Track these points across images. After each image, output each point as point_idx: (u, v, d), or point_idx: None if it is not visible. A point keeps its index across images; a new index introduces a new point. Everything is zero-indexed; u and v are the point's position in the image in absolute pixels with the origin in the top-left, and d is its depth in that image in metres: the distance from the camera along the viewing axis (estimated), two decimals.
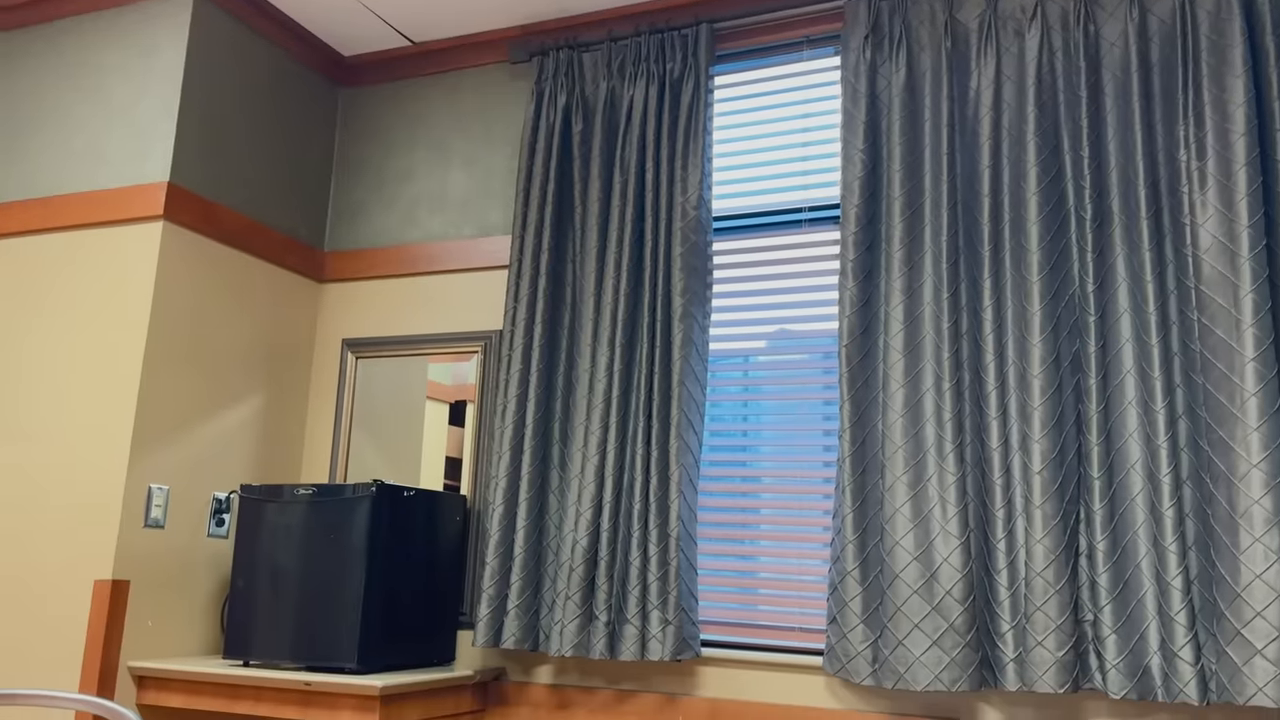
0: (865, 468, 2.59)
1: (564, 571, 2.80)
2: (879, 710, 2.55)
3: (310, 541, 2.75)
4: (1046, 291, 2.49)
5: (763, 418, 2.93)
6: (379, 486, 2.72)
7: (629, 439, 2.83)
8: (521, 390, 2.97)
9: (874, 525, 2.55)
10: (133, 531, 2.80)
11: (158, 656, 2.84)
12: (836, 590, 2.53)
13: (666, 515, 2.73)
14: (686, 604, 2.69)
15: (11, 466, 2.94)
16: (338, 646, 2.64)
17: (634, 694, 2.78)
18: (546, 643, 2.83)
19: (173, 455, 2.93)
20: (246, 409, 3.20)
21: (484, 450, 3.14)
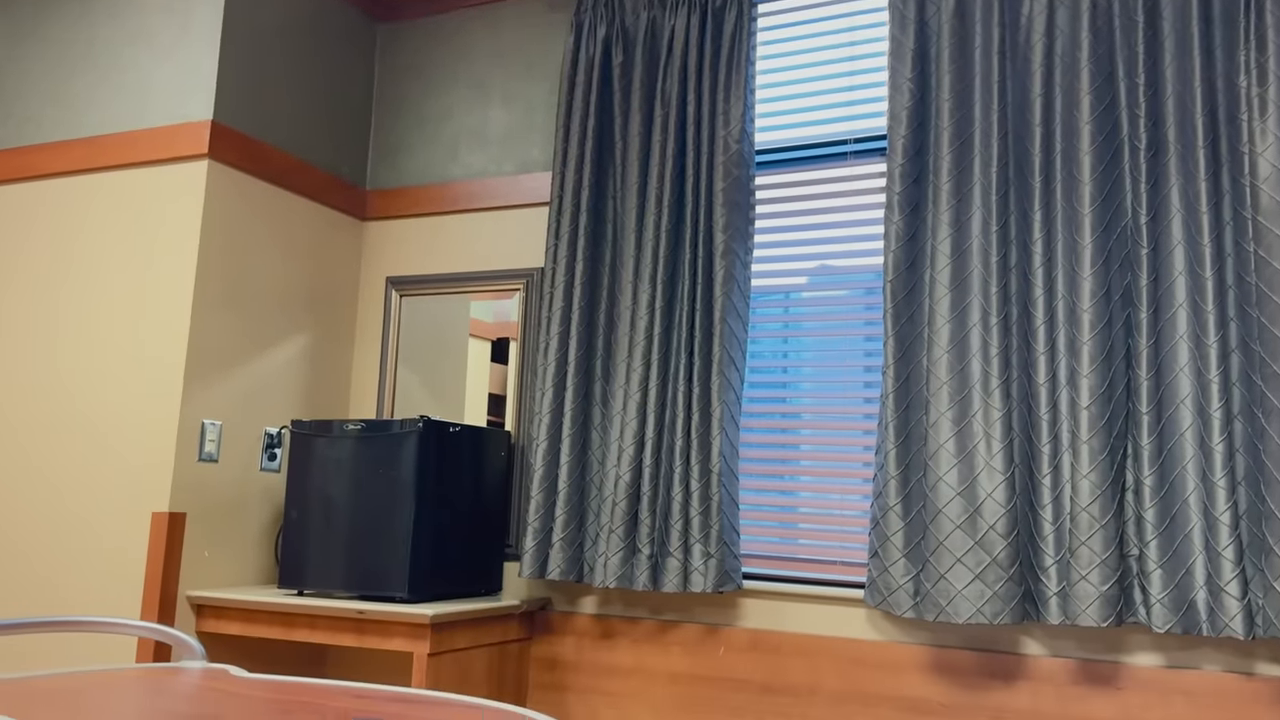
0: (909, 404, 2.58)
1: (607, 506, 2.84)
2: (919, 642, 2.57)
3: (360, 475, 2.81)
4: (1098, 223, 2.44)
5: (803, 354, 2.92)
6: (426, 422, 2.76)
7: (671, 376, 2.84)
8: (563, 327, 2.99)
9: (917, 461, 2.55)
10: (187, 465, 2.87)
11: (214, 586, 2.93)
12: (878, 525, 2.54)
13: (708, 451, 2.75)
14: (728, 538, 2.72)
15: (70, 403, 3.02)
16: (389, 577, 2.71)
17: (677, 624, 2.83)
18: (590, 574, 2.88)
19: (224, 391, 2.99)
20: (294, 346, 3.25)
21: (527, 387, 3.17)
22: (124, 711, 1.39)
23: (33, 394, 3.10)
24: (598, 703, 2.87)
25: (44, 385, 3.08)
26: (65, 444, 3.01)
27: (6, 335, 3.18)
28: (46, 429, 3.05)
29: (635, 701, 2.83)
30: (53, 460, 3.01)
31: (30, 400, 3.10)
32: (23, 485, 3.05)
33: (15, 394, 3.12)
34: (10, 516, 3.05)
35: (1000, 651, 2.49)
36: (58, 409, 3.04)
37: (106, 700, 1.45)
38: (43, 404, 3.07)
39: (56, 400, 3.05)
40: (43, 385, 3.09)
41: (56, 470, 3.00)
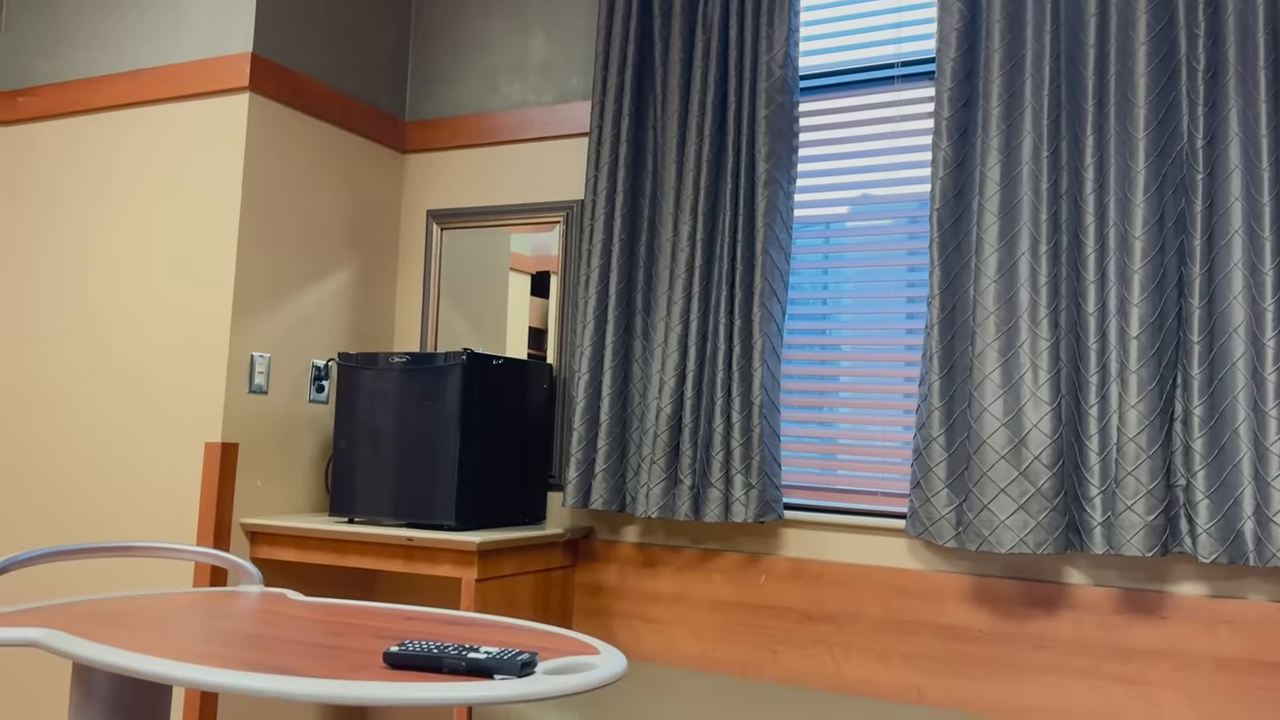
0: (954, 334, 2.55)
1: (649, 437, 2.86)
2: (961, 571, 2.59)
3: (405, 407, 2.85)
4: (1153, 148, 2.38)
5: (843, 285, 2.90)
6: (469, 355, 2.79)
7: (712, 308, 2.83)
8: (604, 260, 2.98)
9: (961, 392, 2.53)
10: (238, 397, 2.93)
11: (267, 514, 3.01)
12: (921, 456, 2.54)
13: (749, 383, 2.75)
14: (769, 469, 2.74)
15: (121, 338, 3.09)
16: (436, 505, 2.76)
17: (718, 553, 2.87)
18: (633, 504, 2.92)
19: (271, 324, 3.04)
20: (338, 280, 3.28)
21: (568, 320, 3.18)
22: (188, 632, 1.44)
23: (86, 329, 3.16)
24: (641, 628, 2.93)
25: (95, 321, 3.15)
26: (121, 379, 3.07)
27: (58, 272, 3.24)
28: (102, 364, 3.11)
29: (678, 627, 2.88)
30: (110, 394, 3.09)
31: (84, 335, 3.16)
32: (84, 418, 3.13)
33: (69, 329, 3.19)
34: (72, 448, 3.14)
35: (1043, 581, 2.50)
36: (110, 343, 3.11)
37: (172, 621, 1.51)
38: (96, 339, 3.14)
39: (108, 335, 3.11)
40: (94, 321, 3.15)
41: (114, 403, 3.08)
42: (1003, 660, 2.49)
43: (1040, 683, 2.44)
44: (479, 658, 1.28)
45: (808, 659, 2.70)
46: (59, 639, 1.35)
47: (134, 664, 1.24)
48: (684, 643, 2.86)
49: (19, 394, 3.26)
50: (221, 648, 1.33)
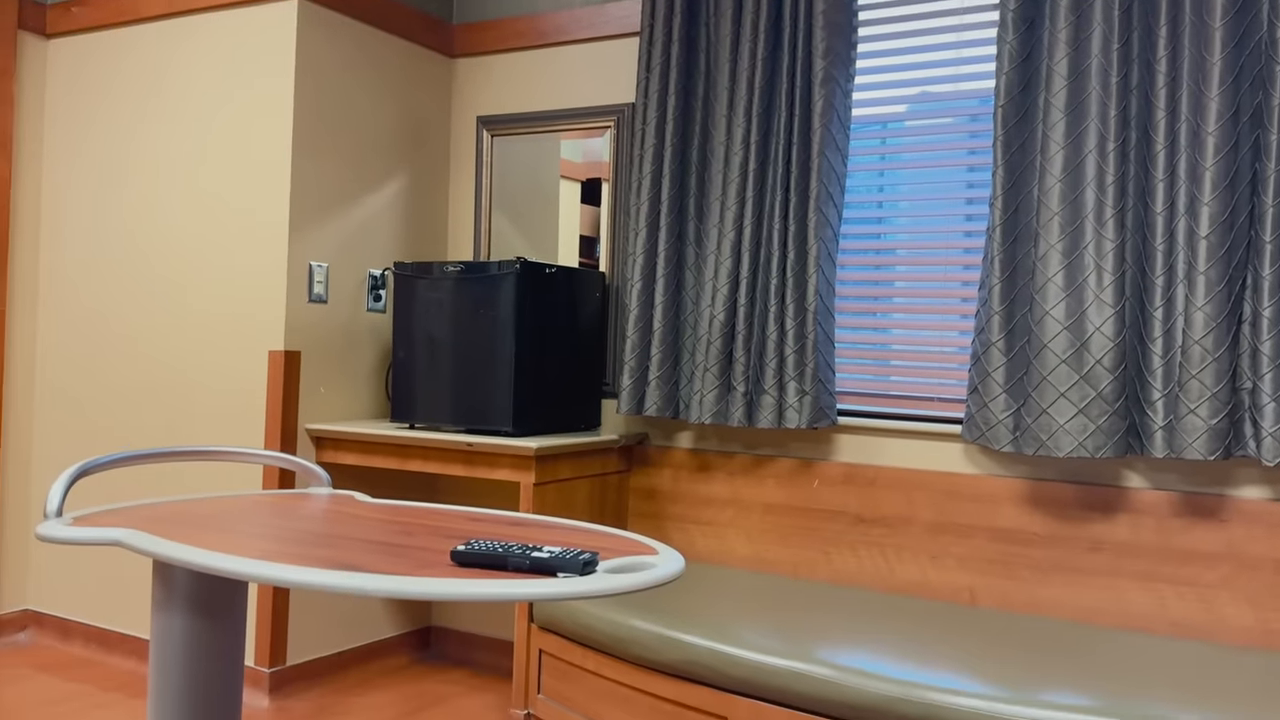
0: (1017, 237, 2.50)
1: (702, 345, 2.87)
2: (1017, 475, 2.58)
3: (461, 315, 2.88)
4: (1229, 38, 2.27)
5: (899, 188, 2.84)
6: (523, 264, 2.79)
7: (766, 213, 2.80)
8: (655, 166, 2.94)
9: (1023, 295, 2.49)
10: (299, 306, 2.98)
11: (330, 420, 3.09)
12: (979, 361, 2.51)
13: (804, 290, 2.73)
14: (824, 376, 2.73)
15: (185, 249, 3.14)
16: (494, 412, 2.81)
17: (771, 459, 2.89)
18: (686, 411, 2.94)
19: (328, 234, 3.06)
20: (391, 189, 3.29)
21: (620, 227, 3.17)
22: (263, 531, 1.50)
23: (150, 240, 3.22)
24: (694, 531, 2.98)
25: (159, 232, 3.20)
26: (186, 290, 3.14)
27: (118, 183, 3.29)
28: (169, 276, 3.18)
29: (731, 530, 2.92)
30: (177, 305, 3.16)
31: (149, 246, 3.22)
32: (154, 328, 3.21)
33: (134, 241, 3.25)
34: (144, 358, 3.23)
35: (1100, 484, 2.48)
36: (175, 256, 3.16)
37: (246, 521, 1.57)
38: (161, 249, 3.20)
39: (173, 247, 3.17)
40: (158, 231, 3.20)
41: (182, 314, 3.15)
42: (1057, 563, 2.50)
43: (1094, 585, 2.45)
44: (542, 557, 1.32)
45: (860, 561, 2.73)
46: (140, 538, 1.41)
47: (213, 562, 1.29)
48: (737, 545, 2.91)
49: (92, 307, 3.35)
50: (295, 546, 1.39)
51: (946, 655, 2.13)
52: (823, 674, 2.06)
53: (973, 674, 2.01)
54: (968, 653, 2.15)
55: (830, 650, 2.14)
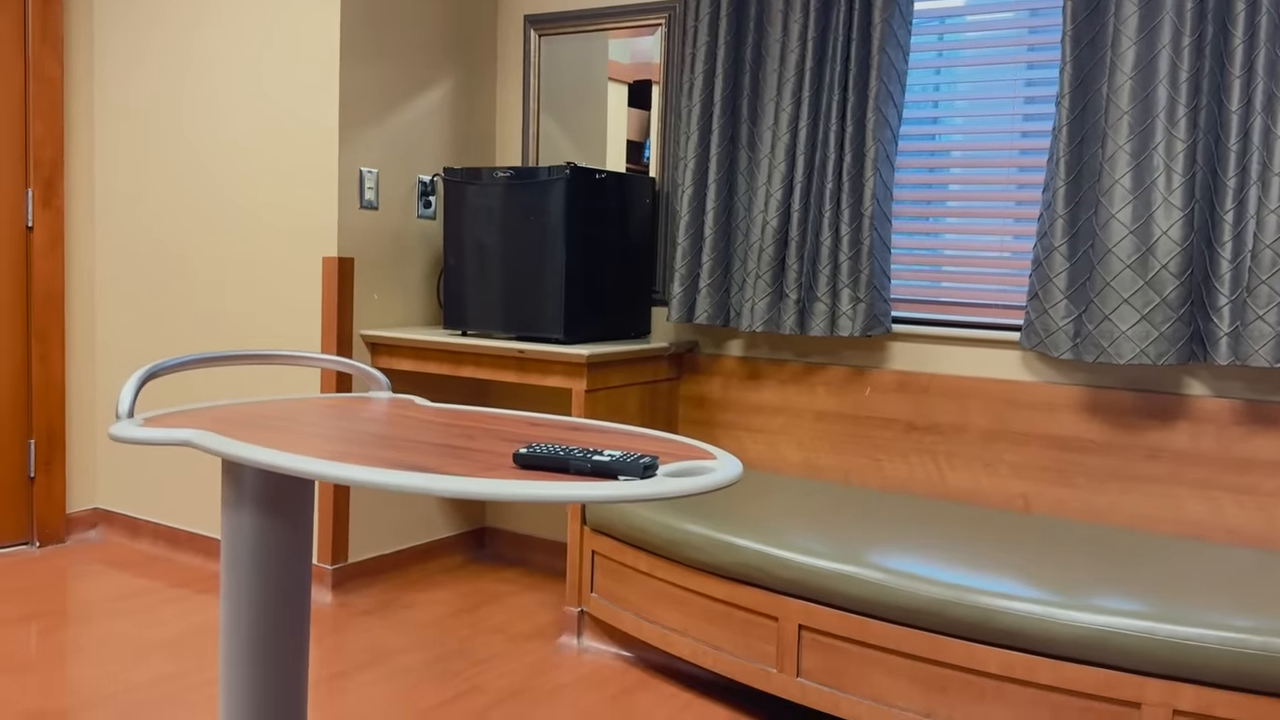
0: (1083, 137, 2.41)
1: (754, 251, 2.83)
2: (1075, 383, 2.55)
3: (511, 222, 2.86)
4: None
5: (957, 86, 2.74)
6: (573, 169, 2.76)
7: (822, 114, 2.72)
8: (708, 65, 2.87)
9: (1088, 198, 2.42)
10: (350, 212, 2.98)
11: (384, 327, 3.12)
12: (1040, 266, 2.46)
13: (860, 194, 2.67)
14: (879, 282, 2.69)
15: (238, 152, 3.14)
16: (545, 319, 2.82)
17: (822, 367, 2.87)
18: (737, 319, 2.92)
19: (377, 139, 3.05)
20: (439, 92, 3.25)
21: (670, 131, 3.11)
22: (328, 433, 1.52)
23: (205, 147, 3.22)
24: (744, 438, 2.99)
25: (214, 138, 3.20)
26: (240, 195, 3.15)
27: (165, 88, 3.28)
28: (224, 181, 3.19)
29: (781, 437, 2.93)
30: (232, 210, 3.18)
31: (202, 153, 3.23)
32: (210, 234, 3.24)
33: (189, 147, 3.26)
34: (201, 264, 3.27)
35: (1160, 392, 2.44)
36: (229, 161, 3.17)
37: (311, 423, 1.59)
38: (215, 157, 3.20)
39: (227, 151, 3.17)
40: (213, 138, 3.20)
41: (237, 219, 3.17)
42: (1113, 471, 2.48)
43: (1151, 493, 2.44)
44: (604, 460, 1.33)
45: (911, 468, 2.73)
46: (210, 439, 1.45)
47: (285, 462, 1.32)
48: (787, 452, 2.92)
49: (149, 213, 3.38)
50: (361, 447, 1.41)
51: (999, 560, 2.14)
52: (874, 577, 2.08)
53: (1025, 579, 2.02)
54: (1020, 558, 2.16)
55: (881, 554, 2.16)
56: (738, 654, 2.30)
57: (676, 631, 2.43)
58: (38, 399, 3.37)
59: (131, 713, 2.24)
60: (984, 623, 1.95)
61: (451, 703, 2.36)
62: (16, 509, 3.37)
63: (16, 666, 2.45)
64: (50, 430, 3.41)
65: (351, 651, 2.64)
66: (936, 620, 2.00)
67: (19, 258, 3.31)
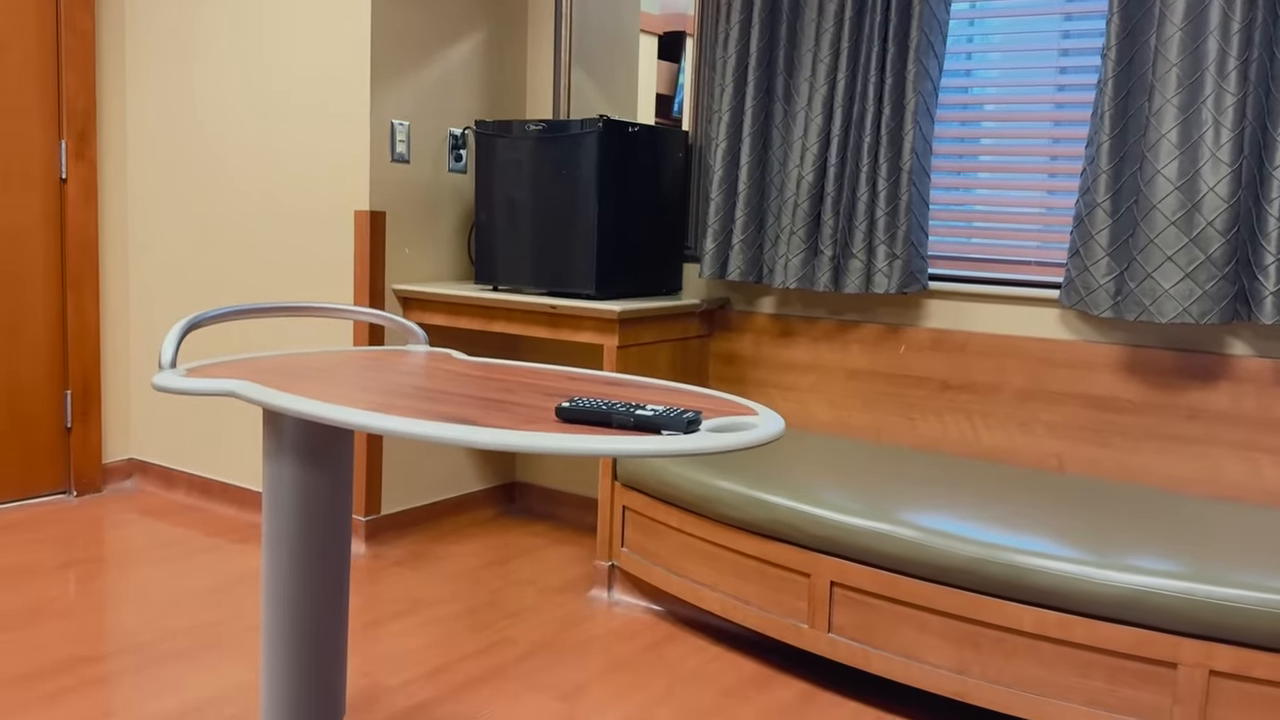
0: (1129, 90, 2.36)
1: (788, 207, 2.80)
2: (1115, 342, 2.52)
3: (542, 176, 2.84)
4: None
5: (991, 38, 2.68)
6: (605, 122, 2.73)
7: (861, 66, 2.68)
8: (744, 16, 2.82)
9: (1133, 153, 2.37)
10: (382, 166, 2.97)
11: (415, 281, 3.12)
12: (1082, 222, 2.42)
13: (899, 148, 2.63)
14: (916, 239, 2.66)
15: (270, 109, 3.13)
16: (576, 274, 2.81)
17: (856, 324, 2.85)
18: (770, 275, 2.90)
19: (408, 91, 3.02)
20: (471, 43, 3.21)
21: (704, 83, 3.06)
22: (368, 385, 1.53)
23: (237, 99, 3.21)
24: (775, 395, 2.98)
25: (246, 90, 3.19)
26: (272, 147, 3.14)
27: (198, 39, 3.26)
28: (255, 134, 3.18)
29: (813, 395, 2.92)
30: (262, 163, 3.17)
31: (235, 105, 3.22)
32: (243, 188, 3.24)
33: (221, 99, 3.25)
34: (234, 218, 3.27)
35: (1202, 351, 2.41)
36: (259, 114, 3.16)
37: (350, 375, 1.60)
38: (247, 109, 3.19)
39: (257, 105, 3.16)
40: (245, 90, 3.19)
41: (269, 172, 3.16)
42: (1151, 431, 2.45)
43: (1189, 454, 2.41)
44: (646, 415, 1.33)
45: (945, 426, 2.71)
46: (253, 389, 1.46)
47: (328, 413, 1.32)
48: (819, 410, 2.91)
49: (181, 166, 3.38)
50: (401, 399, 1.41)
51: (1032, 519, 2.13)
52: (907, 535, 2.08)
53: (1060, 538, 2.01)
54: (1054, 517, 2.15)
55: (914, 512, 2.16)
56: (768, 609, 2.31)
57: (707, 586, 2.44)
58: (73, 350, 3.40)
59: (170, 658, 2.28)
60: (1017, 581, 1.95)
61: (485, 652, 2.39)
62: (54, 459, 3.42)
63: (57, 612, 2.50)
64: (86, 381, 3.45)
65: (385, 601, 2.67)
66: (970, 578, 2.00)
67: (54, 209, 3.32)
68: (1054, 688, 1.93)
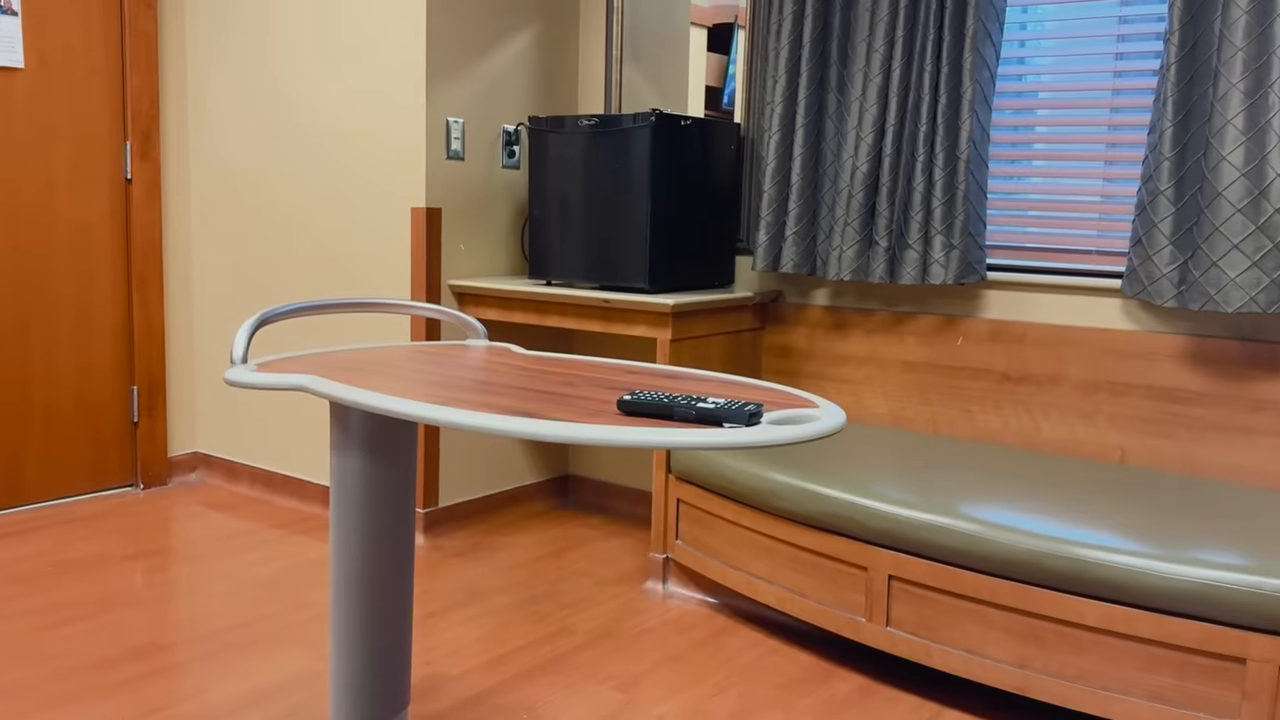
0: (1193, 76, 2.31)
1: (843, 198, 2.79)
2: (1178, 332, 2.47)
3: (595, 170, 2.86)
4: None
5: (1044, 24, 2.64)
6: (658, 116, 2.74)
7: (916, 54, 2.65)
8: (797, 6, 2.81)
9: (1197, 140, 2.32)
10: (438, 163, 3.01)
11: (470, 276, 3.15)
12: (1145, 211, 2.38)
13: (956, 137, 2.60)
14: (974, 229, 2.63)
15: (327, 107, 3.18)
16: (629, 269, 2.82)
17: (912, 316, 2.83)
18: (824, 267, 2.89)
19: (463, 88, 3.05)
20: (523, 41, 3.24)
21: (756, 75, 3.05)
22: (434, 379, 1.55)
23: (295, 99, 3.27)
24: (830, 388, 2.97)
25: (304, 90, 3.24)
26: (330, 146, 3.20)
27: (257, 41, 3.32)
28: (314, 133, 3.24)
29: (867, 387, 2.90)
30: (320, 162, 3.22)
31: (293, 105, 3.28)
32: (302, 186, 3.30)
33: (279, 100, 3.31)
34: (293, 216, 3.33)
35: (1269, 341, 2.36)
36: (317, 113, 3.21)
37: (414, 369, 1.62)
38: (305, 109, 3.25)
39: (315, 105, 3.21)
40: (303, 90, 3.25)
41: (327, 171, 3.22)
42: (1216, 422, 2.41)
43: (1254, 445, 2.36)
44: (708, 407, 1.33)
45: (1005, 419, 2.68)
46: (323, 384, 1.49)
47: (398, 406, 1.35)
48: (873, 402, 2.90)
49: (241, 165, 3.45)
50: (464, 393, 1.44)
51: (1096, 512, 2.10)
52: (967, 528, 2.06)
53: (1124, 531, 1.99)
54: (1119, 510, 2.12)
55: (974, 505, 2.14)
56: (825, 602, 2.31)
57: (762, 579, 2.45)
58: (139, 346, 3.49)
59: (236, 647, 2.34)
60: (1081, 574, 1.92)
61: (543, 642, 2.41)
62: (122, 452, 3.51)
63: (126, 602, 2.57)
64: (151, 377, 3.53)
65: (444, 591, 2.71)
66: (1032, 571, 1.98)
67: (119, 209, 3.41)
68: (1119, 682, 1.91)
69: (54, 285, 3.28)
